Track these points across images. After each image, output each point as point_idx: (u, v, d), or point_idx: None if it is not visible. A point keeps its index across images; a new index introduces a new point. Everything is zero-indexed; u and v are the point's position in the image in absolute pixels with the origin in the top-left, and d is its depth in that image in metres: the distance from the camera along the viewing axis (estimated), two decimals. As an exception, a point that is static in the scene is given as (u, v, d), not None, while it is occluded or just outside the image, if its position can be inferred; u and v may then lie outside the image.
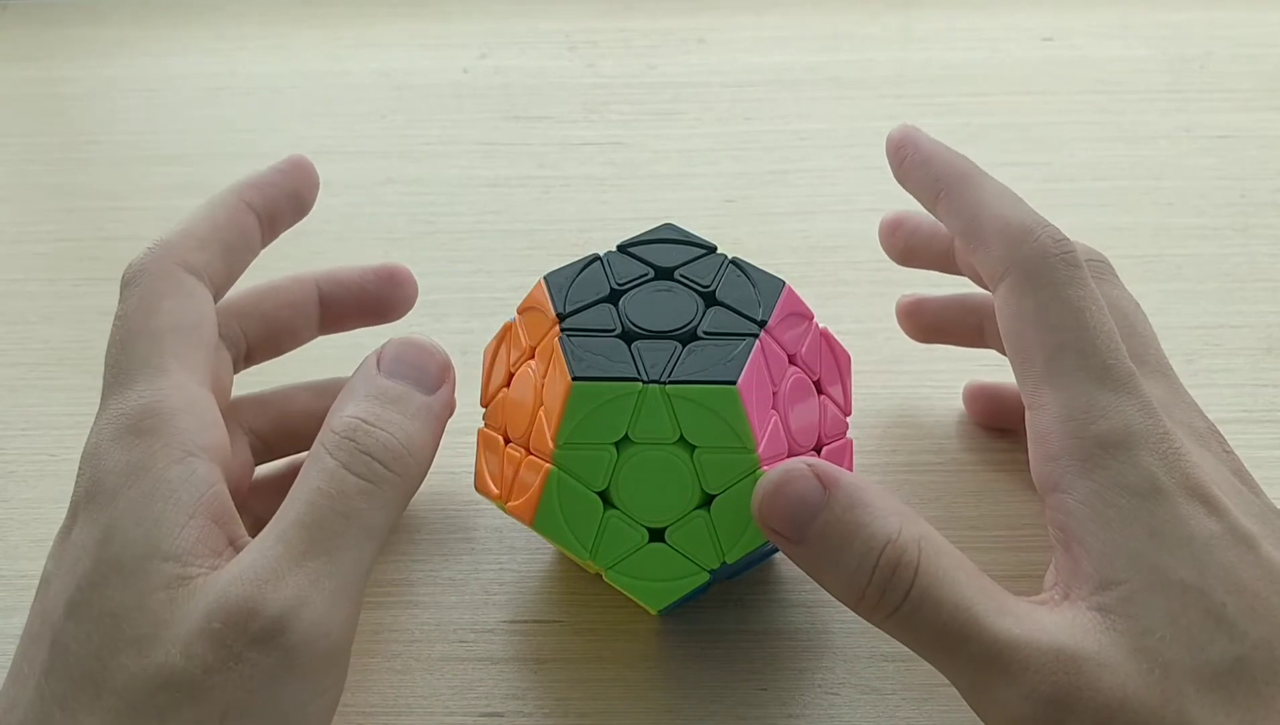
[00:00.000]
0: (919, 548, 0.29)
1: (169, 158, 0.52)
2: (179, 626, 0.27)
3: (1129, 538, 0.29)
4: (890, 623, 0.29)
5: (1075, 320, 0.31)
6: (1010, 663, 0.28)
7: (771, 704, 0.34)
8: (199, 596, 0.28)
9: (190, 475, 0.29)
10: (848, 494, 0.29)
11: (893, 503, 0.30)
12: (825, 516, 0.29)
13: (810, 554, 0.30)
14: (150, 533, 0.28)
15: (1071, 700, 0.27)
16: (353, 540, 0.29)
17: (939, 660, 0.29)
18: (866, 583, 0.29)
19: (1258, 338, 0.43)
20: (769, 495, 0.30)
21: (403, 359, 0.32)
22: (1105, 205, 0.49)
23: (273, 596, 0.27)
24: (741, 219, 0.49)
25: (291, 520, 0.29)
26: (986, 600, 0.29)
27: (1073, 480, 0.30)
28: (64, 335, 0.45)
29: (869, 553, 0.29)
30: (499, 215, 0.49)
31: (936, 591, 0.28)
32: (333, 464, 0.30)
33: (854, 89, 0.55)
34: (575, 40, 0.58)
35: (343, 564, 0.29)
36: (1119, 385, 0.30)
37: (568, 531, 0.32)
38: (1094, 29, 0.57)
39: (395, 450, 0.30)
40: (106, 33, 0.59)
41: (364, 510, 0.29)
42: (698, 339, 0.32)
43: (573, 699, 0.34)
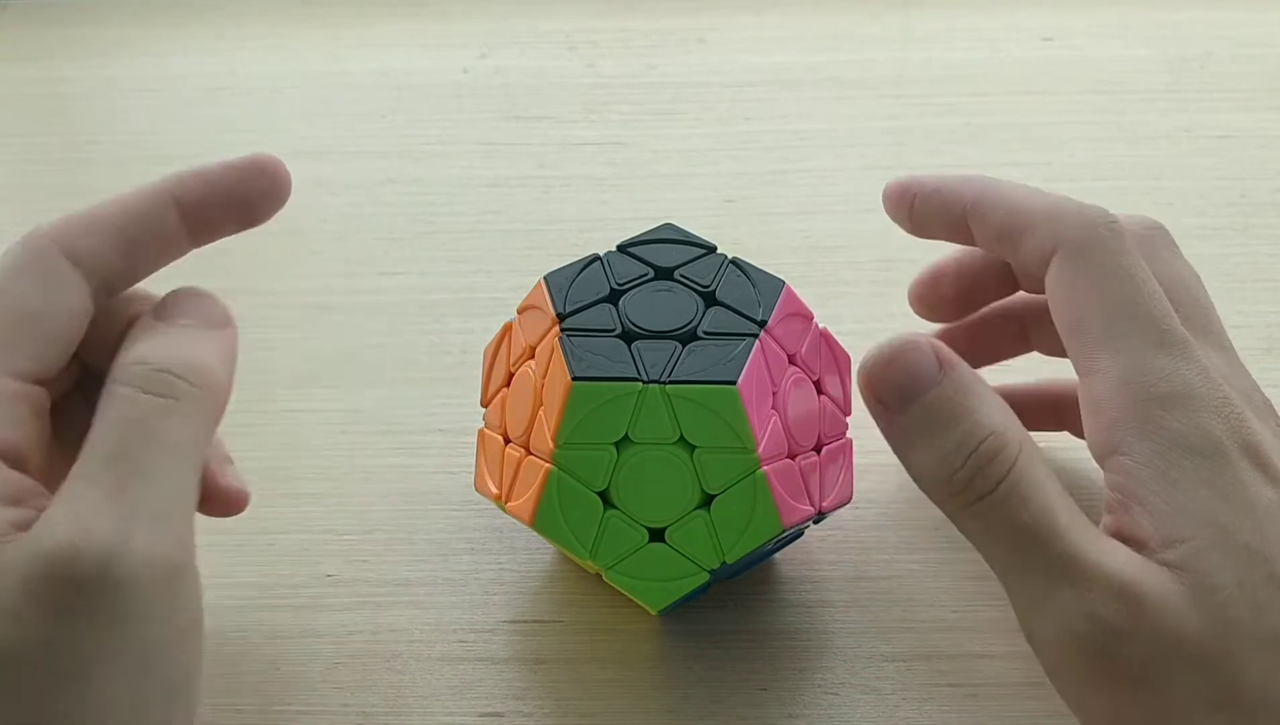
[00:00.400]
0: (1020, 447, 0.29)
1: (169, 158, 0.52)
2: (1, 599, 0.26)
3: (1194, 498, 0.28)
4: (969, 511, 0.29)
5: (1130, 287, 0.31)
6: (1079, 577, 0.28)
7: (771, 704, 0.34)
8: (14, 564, 0.26)
9: None
10: (963, 378, 0.30)
11: (1001, 401, 0.30)
12: (936, 393, 0.30)
13: (906, 426, 0.30)
14: None
15: (1130, 631, 0.27)
16: (164, 462, 0.28)
17: (1008, 561, 0.29)
18: (960, 465, 0.29)
19: (1258, 338, 0.43)
20: (882, 362, 0.30)
21: (180, 306, 0.31)
22: (1105, 205, 0.49)
23: (93, 538, 0.26)
24: (741, 219, 0.49)
25: (96, 457, 0.28)
26: (1071, 515, 0.29)
27: (1133, 442, 0.29)
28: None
29: (970, 437, 0.29)
30: (499, 215, 0.49)
31: (1026, 490, 0.29)
32: (128, 391, 0.28)
33: (854, 89, 0.55)
34: (575, 40, 0.58)
35: (159, 487, 0.27)
36: (1176, 350, 0.30)
37: (568, 531, 0.32)
38: (1094, 29, 0.57)
39: (193, 363, 0.29)
40: (106, 33, 0.59)
41: (169, 427, 0.28)
42: (698, 339, 0.32)
43: (573, 699, 0.34)
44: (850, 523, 0.38)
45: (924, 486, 0.31)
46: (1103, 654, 0.28)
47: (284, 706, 0.35)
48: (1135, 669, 0.28)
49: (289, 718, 0.34)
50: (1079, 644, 0.28)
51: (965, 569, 0.37)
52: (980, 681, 0.35)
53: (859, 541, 0.38)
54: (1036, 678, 0.34)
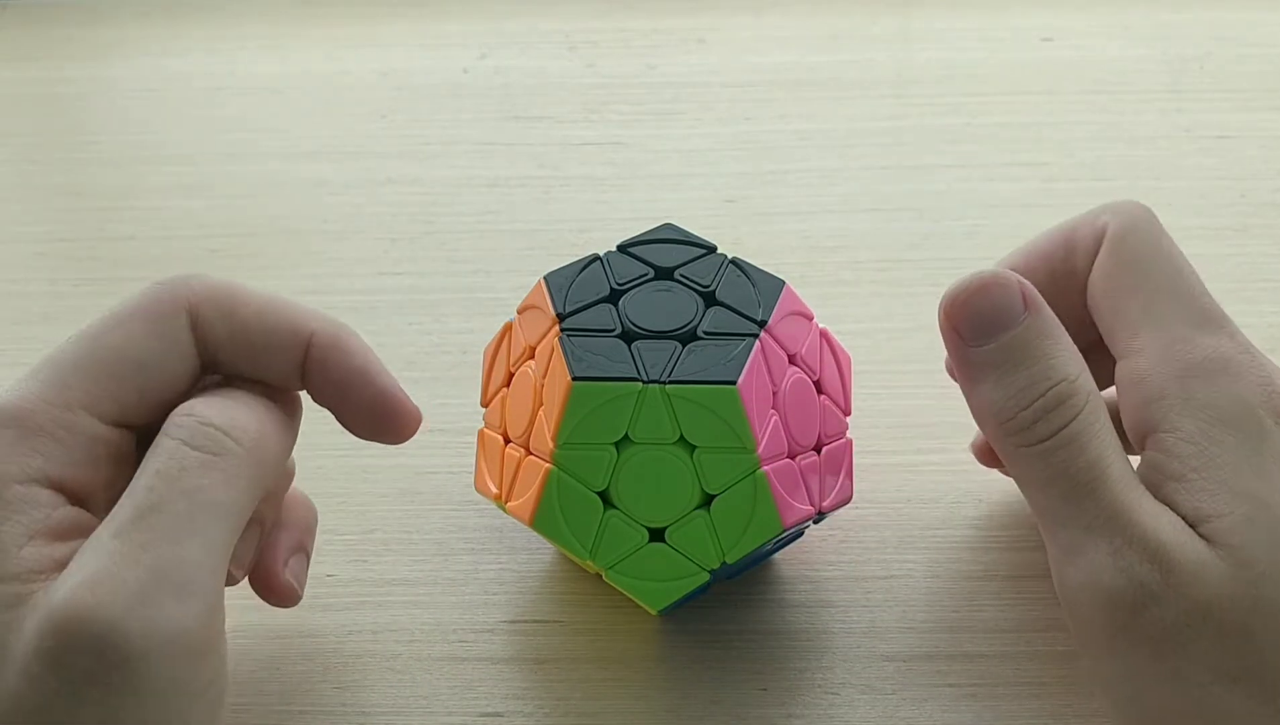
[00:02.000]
0: (1087, 399, 0.29)
1: (169, 158, 0.52)
2: (18, 648, 0.25)
3: (1234, 473, 0.28)
4: (1026, 452, 0.29)
5: (1170, 266, 0.31)
6: (1119, 531, 0.28)
7: (771, 704, 0.34)
8: (34, 611, 0.25)
9: (33, 497, 0.27)
10: (1046, 323, 0.30)
11: (1078, 354, 0.30)
12: (1016, 331, 0.30)
13: (979, 359, 0.30)
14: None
15: (1158, 593, 0.27)
16: (199, 522, 0.26)
17: (1052, 504, 0.29)
18: (1026, 406, 0.29)
19: (1258, 338, 0.43)
20: (966, 293, 0.30)
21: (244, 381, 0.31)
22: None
23: (107, 600, 0.25)
24: (741, 219, 0.49)
25: (127, 509, 0.26)
26: (1124, 471, 0.29)
27: (1176, 419, 0.29)
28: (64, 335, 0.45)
29: (1043, 380, 0.29)
30: (499, 215, 0.49)
31: (1086, 440, 0.29)
32: (172, 444, 0.27)
33: (854, 89, 0.55)
34: (575, 40, 0.58)
35: (190, 551, 0.26)
36: (1216, 326, 0.30)
37: (568, 531, 0.32)
38: (1093, 29, 0.57)
39: (239, 422, 0.28)
40: (106, 33, 0.59)
41: (208, 486, 0.27)
42: (698, 339, 0.32)
43: (573, 699, 0.34)
44: (850, 523, 0.38)
45: (983, 420, 0.31)
46: (1130, 611, 0.28)
47: (284, 706, 0.35)
48: (1158, 631, 0.28)
49: (289, 718, 0.34)
50: (1108, 598, 0.28)
51: (965, 569, 0.37)
52: (980, 681, 0.35)
53: (859, 541, 0.38)
54: (1036, 678, 0.34)
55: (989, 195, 0.49)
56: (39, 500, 0.27)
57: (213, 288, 0.31)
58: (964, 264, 0.46)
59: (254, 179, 0.51)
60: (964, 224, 0.48)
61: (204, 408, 0.28)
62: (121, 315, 0.30)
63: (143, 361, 0.29)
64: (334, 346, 0.31)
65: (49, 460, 0.28)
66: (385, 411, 0.31)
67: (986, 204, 0.49)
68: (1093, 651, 0.29)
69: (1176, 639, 0.27)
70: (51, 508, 0.27)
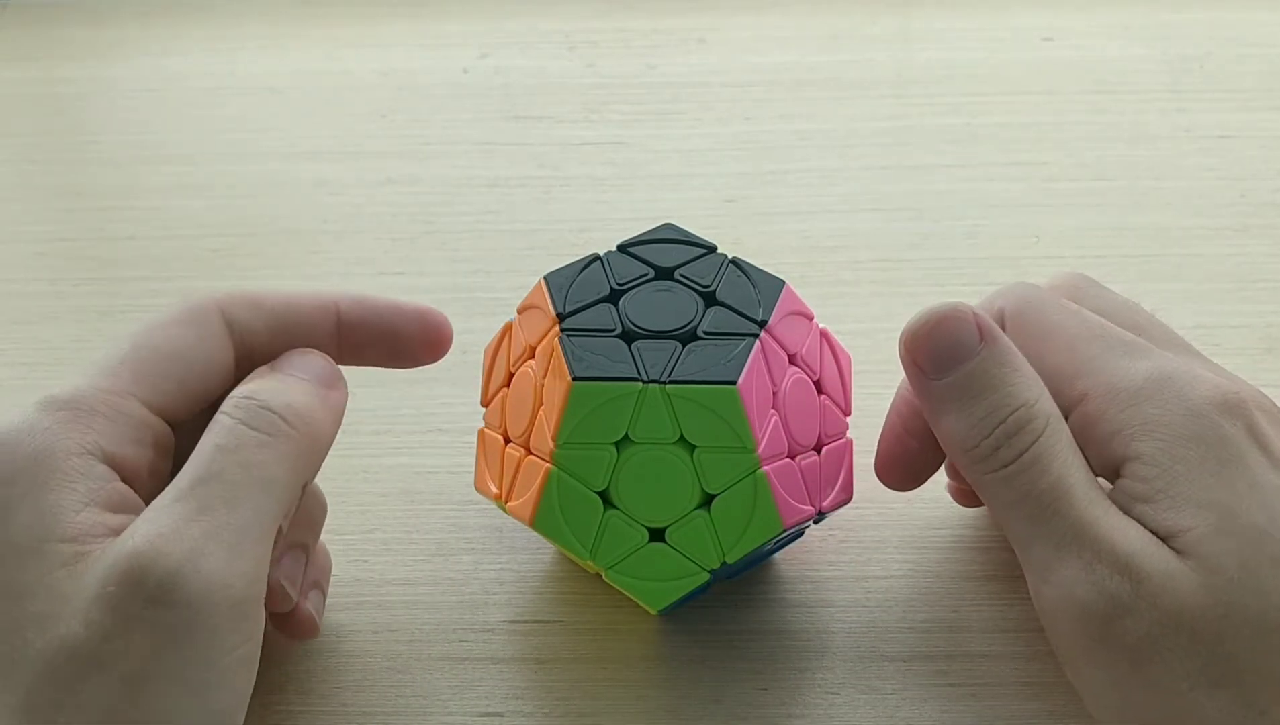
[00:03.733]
0: (1047, 422, 0.30)
1: (169, 158, 0.52)
2: (78, 598, 0.27)
3: (1200, 486, 0.29)
4: (991, 477, 0.30)
5: (1077, 320, 0.32)
6: (1087, 546, 0.29)
7: (771, 704, 0.34)
8: (96, 566, 0.27)
9: (88, 469, 0.29)
10: (1002, 351, 0.31)
11: (1037, 378, 0.31)
12: (975, 363, 0.31)
13: (941, 392, 0.31)
14: (45, 518, 0.28)
15: (1130, 605, 0.28)
16: (252, 492, 0.29)
17: (1022, 526, 0.30)
18: (988, 433, 0.30)
19: (1258, 338, 0.43)
20: (924, 328, 0.31)
21: (293, 361, 0.32)
22: (1105, 205, 0.49)
23: (166, 551, 0.27)
24: (741, 219, 0.49)
25: (188, 477, 0.29)
26: (1089, 488, 0.30)
27: (1137, 445, 0.30)
28: (64, 335, 0.45)
29: (1001, 408, 0.30)
30: (499, 215, 0.49)
31: (1047, 462, 0.30)
32: (230, 422, 0.30)
33: (854, 89, 0.55)
34: (575, 40, 0.58)
35: (241, 516, 0.28)
36: (1144, 354, 0.31)
37: (568, 531, 0.32)
38: (1094, 29, 0.57)
39: (296, 407, 0.30)
40: (106, 33, 0.59)
41: (263, 462, 0.29)
42: (698, 339, 0.32)
43: (573, 699, 0.34)
44: (850, 523, 0.38)
45: (950, 450, 0.32)
46: (1104, 623, 0.28)
47: (284, 706, 0.35)
48: (1133, 641, 0.28)
49: (289, 718, 0.34)
50: (1081, 611, 0.29)
51: (965, 569, 0.37)
52: (980, 681, 0.35)
53: (859, 541, 0.38)
54: (1036, 678, 0.34)
55: (989, 195, 0.49)
56: (95, 473, 0.29)
57: (239, 289, 0.33)
58: (964, 264, 0.46)
59: (254, 179, 0.51)
60: (964, 224, 0.48)
61: (260, 391, 0.30)
62: (159, 319, 0.32)
63: (182, 355, 0.32)
64: (360, 302, 0.34)
65: (103, 436, 0.30)
66: (429, 322, 0.35)
67: (986, 204, 0.49)
68: (1074, 665, 0.30)
69: (1152, 648, 0.28)
70: (106, 480, 0.29)
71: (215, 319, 0.32)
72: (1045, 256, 0.46)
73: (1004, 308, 0.33)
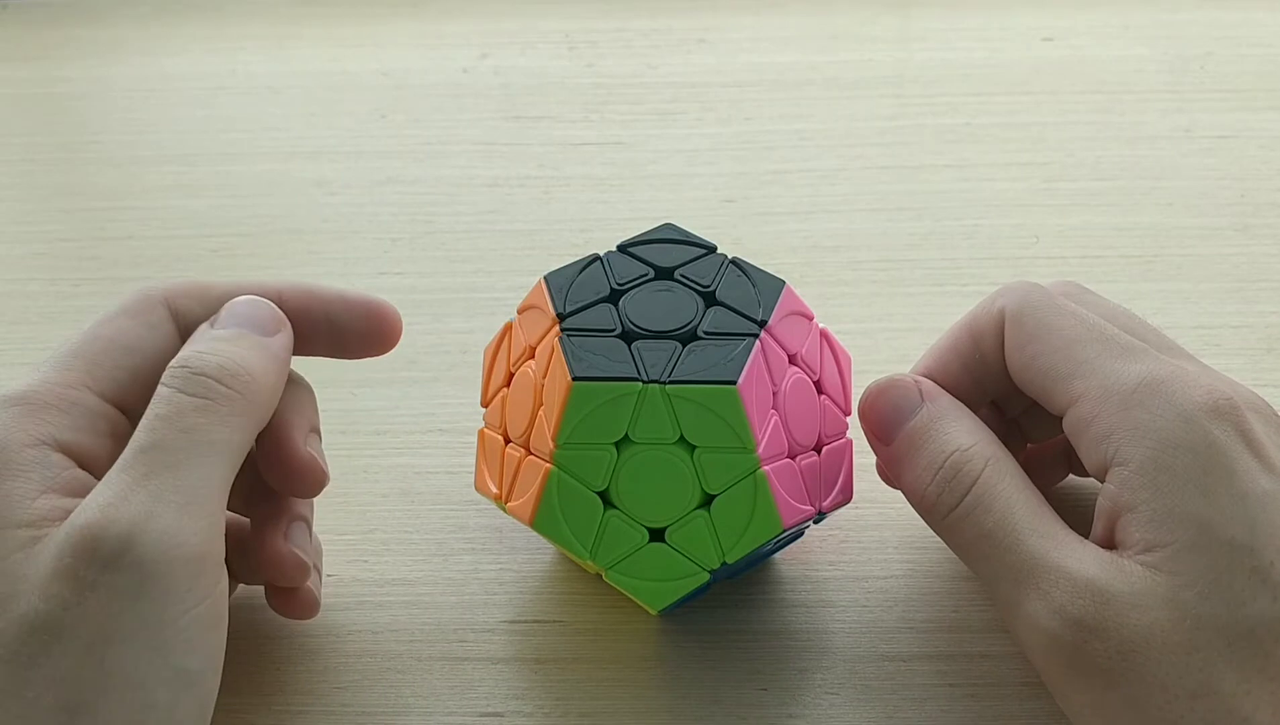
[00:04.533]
0: (985, 462, 0.31)
1: (169, 158, 0.52)
2: (35, 576, 0.28)
3: (1181, 499, 0.29)
4: (943, 523, 0.32)
5: (1075, 320, 0.32)
6: (1042, 579, 0.29)
7: (771, 704, 0.34)
8: (51, 544, 0.28)
9: (43, 459, 0.30)
10: (940, 407, 0.33)
11: (978, 425, 0.33)
12: (915, 421, 0.32)
13: (894, 454, 0.33)
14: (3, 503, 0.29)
15: (1097, 627, 0.28)
16: (197, 455, 0.29)
17: (981, 568, 0.31)
18: (930, 481, 0.32)
19: (1258, 338, 0.43)
20: (871, 398, 0.33)
21: (234, 311, 0.33)
22: (1105, 205, 0.49)
23: (116, 517, 0.28)
24: (741, 219, 0.49)
25: (132, 448, 0.29)
26: (1035, 522, 0.30)
27: (1128, 450, 0.30)
28: (64, 335, 0.45)
29: (940, 454, 0.32)
30: (499, 215, 0.49)
31: (989, 501, 0.31)
32: (168, 392, 0.30)
33: (854, 89, 0.55)
34: (575, 40, 0.58)
35: (189, 477, 0.29)
36: (1140, 357, 0.31)
37: (568, 531, 0.32)
38: (1094, 29, 0.57)
39: (230, 367, 0.31)
40: (106, 33, 0.59)
41: (204, 425, 0.30)
42: (698, 339, 0.32)
43: (573, 699, 0.34)
44: (850, 523, 0.38)
45: (912, 505, 0.33)
46: (1075, 650, 0.29)
47: (284, 707, 0.35)
48: (1105, 662, 0.28)
49: (289, 718, 0.34)
50: (1052, 641, 0.29)
51: (965, 569, 0.37)
52: (980, 681, 0.35)
53: (859, 541, 0.38)
54: (1036, 678, 0.34)
55: (989, 195, 0.49)
56: (50, 462, 0.30)
57: (186, 279, 0.34)
58: (964, 264, 0.46)
59: (254, 179, 0.51)
60: (964, 224, 0.48)
61: (194, 358, 0.31)
62: (108, 314, 0.33)
63: (131, 346, 0.32)
64: (305, 291, 0.34)
65: (57, 428, 0.30)
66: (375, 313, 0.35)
67: (986, 204, 0.49)
68: (1059, 694, 0.30)
69: (1124, 666, 0.28)
70: (62, 468, 0.30)
71: (161, 309, 0.33)
72: (1045, 256, 0.46)
73: (1005, 306, 0.33)
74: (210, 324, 0.33)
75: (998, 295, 0.34)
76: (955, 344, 0.34)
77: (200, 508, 0.29)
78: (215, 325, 0.33)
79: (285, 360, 0.33)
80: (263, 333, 0.33)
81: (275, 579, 0.34)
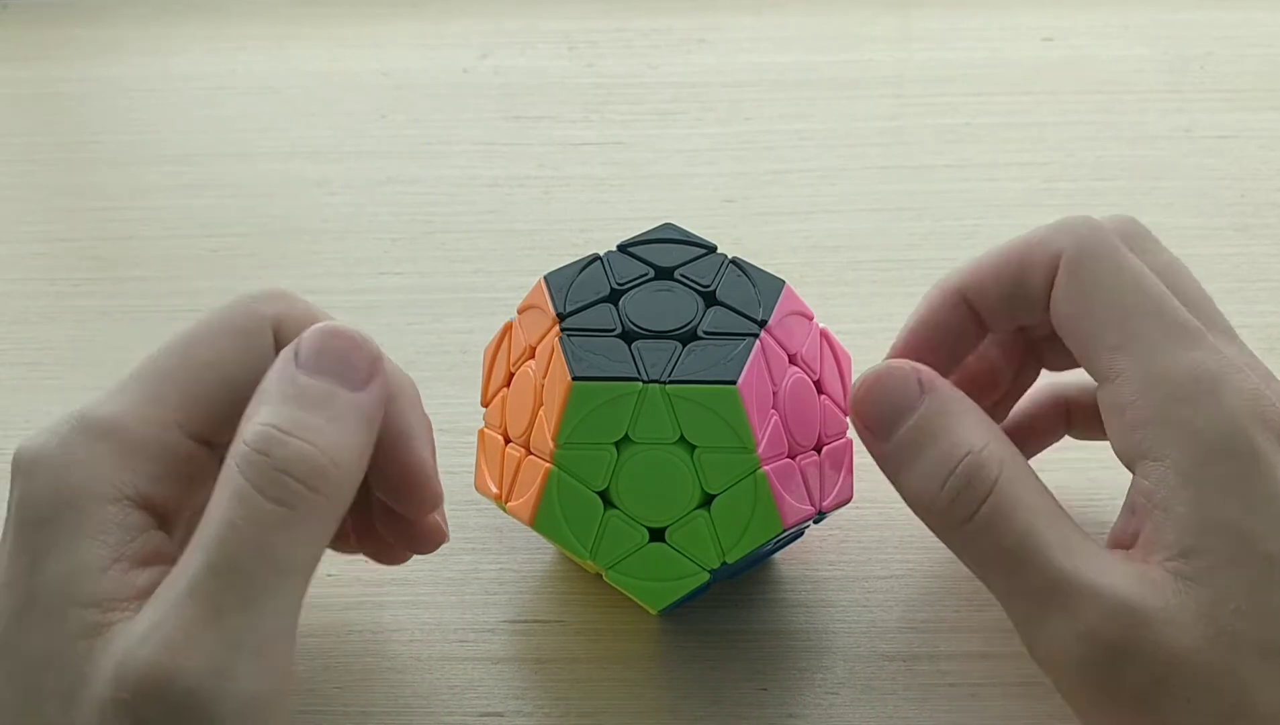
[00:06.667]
0: (1000, 466, 0.29)
1: (169, 158, 0.52)
2: (95, 685, 0.26)
3: (1220, 506, 0.27)
4: (955, 534, 0.29)
5: (1134, 284, 0.30)
6: (1070, 600, 0.27)
7: (771, 704, 0.34)
8: (111, 650, 0.26)
9: (124, 519, 0.27)
10: (942, 399, 0.30)
11: (986, 421, 0.30)
12: (918, 416, 0.29)
13: (891, 453, 0.30)
14: (72, 571, 0.27)
15: (1131, 650, 0.27)
16: (275, 584, 0.26)
17: (998, 584, 0.29)
18: (940, 487, 0.29)
19: (1258, 338, 0.43)
20: (866, 387, 0.30)
21: (325, 351, 0.28)
22: (1105, 205, 0.49)
23: (186, 665, 0.25)
24: (741, 219, 0.49)
25: (202, 564, 0.26)
26: (1058, 534, 0.28)
27: (1163, 446, 0.28)
28: (64, 335, 0.45)
29: (949, 458, 0.29)
30: (499, 215, 0.49)
31: (1009, 512, 0.28)
32: (245, 486, 0.26)
33: (854, 89, 0.55)
34: (575, 40, 0.58)
35: (265, 615, 0.26)
36: (1195, 342, 0.29)
37: (568, 531, 0.32)
38: (1094, 29, 0.57)
39: (317, 464, 0.27)
40: (106, 33, 0.59)
41: (284, 544, 0.26)
42: (698, 339, 0.32)
43: (573, 699, 0.34)
44: (850, 523, 0.38)
45: (916, 513, 0.30)
46: (1105, 674, 0.27)
47: (284, 706, 0.35)
48: (1137, 689, 0.27)
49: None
50: (1079, 665, 0.27)
51: (965, 569, 0.37)
52: (980, 681, 0.35)
53: (859, 541, 0.38)
54: (1036, 678, 0.34)
55: (989, 195, 0.49)
56: (129, 523, 0.27)
57: (291, 299, 0.31)
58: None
59: (254, 179, 0.51)
60: (964, 224, 0.48)
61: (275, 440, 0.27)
62: (211, 329, 0.30)
63: (232, 378, 0.29)
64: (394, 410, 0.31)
65: (144, 478, 0.28)
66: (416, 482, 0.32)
67: (986, 204, 0.49)
68: (1082, 714, 0.29)
69: (1158, 691, 0.27)
70: (139, 530, 0.28)
71: (268, 334, 0.30)
72: (1045, 256, 0.46)
73: (1064, 249, 0.31)
74: (295, 357, 0.28)
75: (1056, 232, 0.31)
76: (999, 269, 0.32)
77: (275, 648, 0.26)
78: (300, 364, 0.28)
79: (377, 418, 0.29)
80: (354, 385, 0.28)
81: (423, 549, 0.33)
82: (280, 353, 0.29)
